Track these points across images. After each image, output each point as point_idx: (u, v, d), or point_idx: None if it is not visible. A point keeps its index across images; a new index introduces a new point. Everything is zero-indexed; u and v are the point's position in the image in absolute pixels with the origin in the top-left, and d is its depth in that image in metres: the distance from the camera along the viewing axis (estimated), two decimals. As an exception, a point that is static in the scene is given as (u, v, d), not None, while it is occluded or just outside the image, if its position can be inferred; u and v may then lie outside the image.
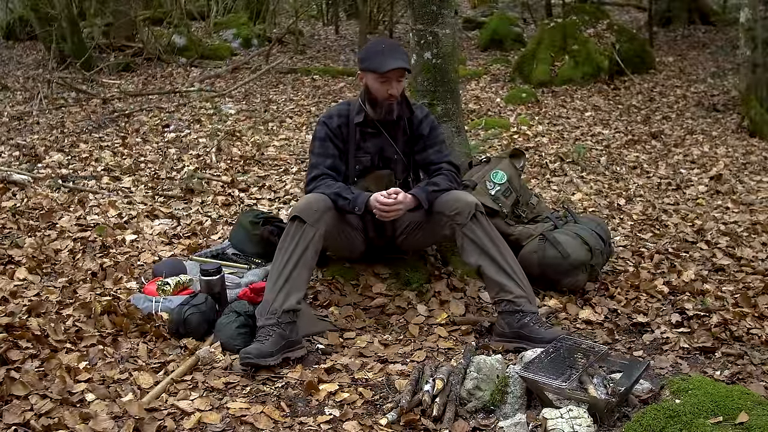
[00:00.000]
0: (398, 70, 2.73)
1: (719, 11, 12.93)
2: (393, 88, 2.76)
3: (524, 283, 2.69)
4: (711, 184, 4.99)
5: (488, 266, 2.67)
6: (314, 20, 14.95)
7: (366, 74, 2.80)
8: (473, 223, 2.67)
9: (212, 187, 4.67)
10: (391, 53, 2.74)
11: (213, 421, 2.12)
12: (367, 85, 2.81)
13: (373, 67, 2.74)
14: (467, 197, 2.74)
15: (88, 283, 3.07)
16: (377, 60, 2.73)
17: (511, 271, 2.68)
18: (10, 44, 12.18)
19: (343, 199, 2.68)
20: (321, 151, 2.83)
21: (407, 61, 2.79)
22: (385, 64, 2.71)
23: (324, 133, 2.84)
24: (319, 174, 2.79)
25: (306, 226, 2.59)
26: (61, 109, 7.36)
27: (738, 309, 2.83)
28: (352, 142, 2.87)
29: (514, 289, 2.65)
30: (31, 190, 4.45)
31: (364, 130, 2.88)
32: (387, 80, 2.74)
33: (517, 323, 2.62)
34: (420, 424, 2.09)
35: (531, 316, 2.63)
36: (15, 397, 2.12)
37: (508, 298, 2.65)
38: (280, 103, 7.73)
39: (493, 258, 2.67)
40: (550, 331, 2.57)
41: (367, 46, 2.88)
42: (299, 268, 2.56)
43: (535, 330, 2.58)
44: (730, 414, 1.89)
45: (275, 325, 2.48)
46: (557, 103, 7.81)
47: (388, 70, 2.71)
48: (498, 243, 2.70)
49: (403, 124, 2.91)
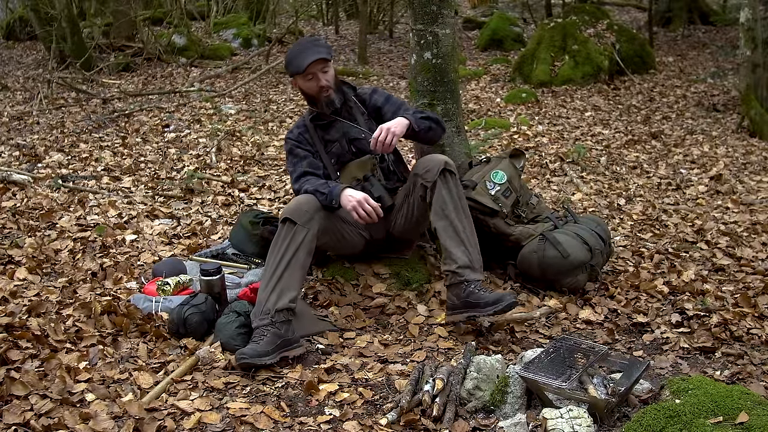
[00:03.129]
0: (317, 62, 2.79)
1: (719, 11, 12.93)
2: (320, 80, 2.83)
3: (471, 250, 2.73)
4: (711, 184, 4.99)
5: (443, 229, 2.71)
6: (314, 20, 14.96)
7: (295, 80, 2.92)
8: (441, 181, 2.71)
9: (212, 187, 4.67)
10: (306, 50, 2.82)
11: (213, 421, 2.12)
12: (301, 88, 2.93)
13: (295, 70, 2.83)
14: (438, 156, 2.79)
15: (88, 283, 3.07)
16: (296, 62, 2.82)
17: (464, 236, 2.72)
18: (10, 44, 12.18)
19: (321, 195, 2.71)
20: (294, 160, 2.92)
21: (325, 50, 2.85)
22: (303, 62, 2.79)
23: (291, 144, 2.95)
24: (300, 174, 2.85)
25: (297, 227, 2.60)
26: (61, 109, 7.36)
27: (738, 309, 2.83)
28: (317, 141, 2.94)
29: (459, 258, 2.69)
30: (31, 190, 4.46)
31: (321, 124, 2.95)
32: (313, 75, 2.83)
33: (464, 293, 2.67)
34: (420, 424, 2.09)
35: (475, 283, 2.68)
36: (15, 397, 2.12)
37: (452, 268, 2.69)
38: (280, 103, 7.73)
39: (450, 221, 2.71)
40: (494, 294, 2.64)
41: (287, 54, 2.93)
42: (291, 268, 2.56)
43: (480, 296, 2.63)
44: (730, 414, 1.89)
45: (269, 324, 2.48)
46: (557, 103, 7.81)
47: (306, 66, 2.78)
48: (459, 206, 2.74)
49: (352, 104, 2.98)
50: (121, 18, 10.70)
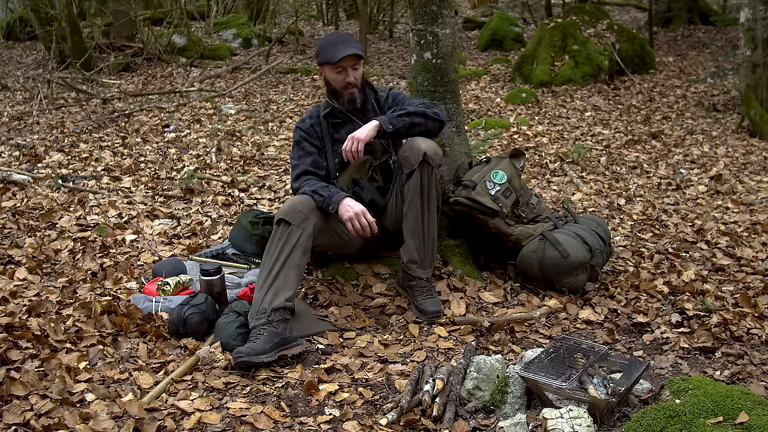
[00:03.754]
0: (351, 57, 2.80)
1: (719, 11, 12.93)
2: (349, 76, 2.84)
3: (425, 246, 2.82)
4: (711, 184, 4.99)
5: (407, 219, 2.80)
6: (314, 20, 14.96)
7: (323, 68, 2.90)
8: (417, 172, 2.73)
9: (212, 187, 4.67)
10: (342, 43, 2.82)
11: (213, 421, 2.12)
12: (326, 78, 2.91)
13: (326, 59, 2.83)
14: (419, 144, 2.74)
15: (88, 283, 3.07)
16: (330, 52, 2.81)
17: (422, 232, 2.80)
18: (10, 44, 12.19)
19: (319, 197, 2.72)
20: (300, 153, 2.91)
21: (360, 48, 2.87)
22: (338, 54, 2.78)
23: (299, 136, 2.94)
24: (301, 172, 2.85)
25: (291, 228, 2.60)
26: (61, 109, 7.36)
27: (738, 309, 2.83)
28: (327, 138, 2.94)
29: (411, 253, 2.83)
30: (31, 190, 4.46)
31: (334, 122, 2.95)
32: (342, 69, 2.83)
33: (406, 284, 2.91)
34: (420, 424, 2.09)
35: (417, 281, 2.86)
36: (15, 397, 2.12)
37: (404, 259, 2.86)
38: (280, 103, 7.73)
39: (414, 213, 2.77)
40: (430, 302, 2.84)
41: (320, 41, 2.95)
42: (286, 268, 2.57)
43: (417, 299, 2.86)
44: (730, 414, 1.89)
45: (265, 323, 2.48)
46: (557, 103, 7.81)
47: (340, 59, 2.78)
48: (426, 200, 2.77)
49: (371, 107, 2.96)
50: (121, 18, 10.71)
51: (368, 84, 2.98)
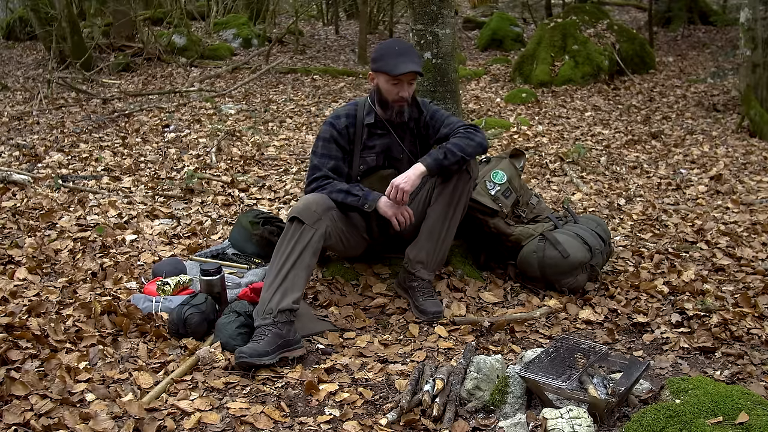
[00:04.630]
0: (410, 74, 2.73)
1: (719, 11, 12.93)
2: (404, 91, 2.77)
3: (437, 250, 2.84)
4: (711, 184, 4.99)
5: (429, 218, 2.82)
6: (314, 20, 14.97)
7: (378, 75, 2.80)
8: (457, 177, 2.76)
9: (212, 187, 4.67)
10: (404, 56, 2.73)
11: (213, 421, 2.12)
12: (379, 86, 2.81)
13: (386, 69, 2.73)
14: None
15: (88, 283, 3.07)
16: (391, 62, 2.72)
17: (440, 235, 2.82)
18: (10, 44, 12.19)
19: (353, 196, 2.71)
20: (324, 152, 2.83)
21: (420, 64, 2.79)
22: (398, 68, 2.70)
23: (329, 134, 2.84)
24: (321, 176, 2.80)
25: (305, 227, 2.59)
26: (61, 109, 7.36)
27: (738, 309, 2.83)
28: (358, 142, 2.87)
29: (418, 252, 2.85)
30: (31, 190, 4.46)
31: (372, 131, 2.88)
32: (399, 83, 2.75)
33: (407, 284, 2.92)
34: (420, 424, 2.09)
35: (419, 282, 2.87)
36: (15, 397, 2.13)
37: (410, 256, 2.87)
38: (280, 103, 7.73)
39: (440, 214, 2.80)
40: (431, 302, 2.84)
41: (380, 47, 2.85)
42: (297, 268, 2.55)
43: (418, 300, 2.86)
44: (730, 414, 1.89)
45: (271, 324, 2.48)
46: (557, 103, 7.81)
47: (400, 74, 2.70)
48: (455, 205, 2.80)
49: (412, 125, 2.92)
50: (121, 18, 10.71)
51: (416, 100, 2.90)
